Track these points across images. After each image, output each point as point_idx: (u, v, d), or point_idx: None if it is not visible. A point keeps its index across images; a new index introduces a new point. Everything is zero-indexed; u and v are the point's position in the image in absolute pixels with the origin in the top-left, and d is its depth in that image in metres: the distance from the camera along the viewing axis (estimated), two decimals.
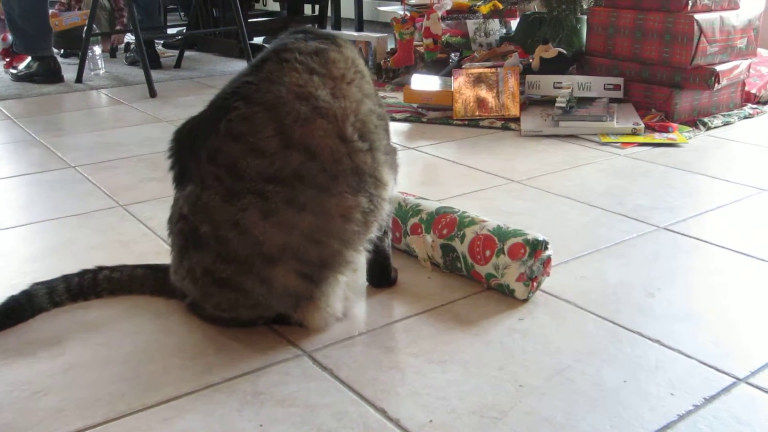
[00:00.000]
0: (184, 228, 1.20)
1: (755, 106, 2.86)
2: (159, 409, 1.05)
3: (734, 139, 2.46)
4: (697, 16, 2.54)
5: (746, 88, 2.86)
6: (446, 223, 1.43)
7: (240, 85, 1.17)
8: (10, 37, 3.82)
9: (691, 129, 2.55)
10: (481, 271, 1.37)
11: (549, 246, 1.35)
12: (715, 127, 2.61)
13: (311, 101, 1.15)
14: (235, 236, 1.14)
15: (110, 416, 1.04)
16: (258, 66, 1.19)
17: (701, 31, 2.54)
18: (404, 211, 1.51)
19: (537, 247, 1.32)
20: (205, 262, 1.18)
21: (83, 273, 1.37)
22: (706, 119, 2.64)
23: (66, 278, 1.35)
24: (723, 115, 2.71)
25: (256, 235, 1.14)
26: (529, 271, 1.32)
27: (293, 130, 1.14)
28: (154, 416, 1.04)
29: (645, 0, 2.68)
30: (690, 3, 2.59)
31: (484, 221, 1.41)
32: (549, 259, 1.36)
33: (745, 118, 2.74)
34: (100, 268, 1.38)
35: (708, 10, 2.64)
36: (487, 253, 1.35)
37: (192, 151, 1.18)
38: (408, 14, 3.19)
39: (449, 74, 3.00)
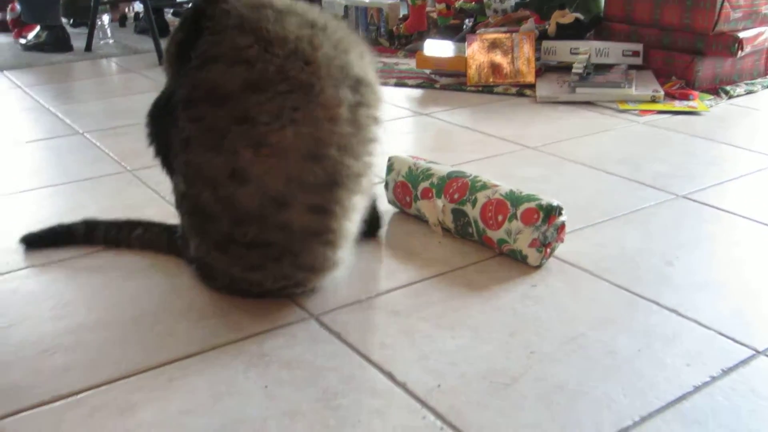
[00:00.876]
0: (189, 206, 1.16)
1: None
2: (165, 369, 1.04)
3: (757, 108, 2.40)
4: None
5: None
6: (457, 187, 1.40)
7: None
8: (18, 6, 3.79)
9: (712, 97, 2.49)
10: (492, 237, 1.34)
11: (563, 212, 1.31)
12: (737, 96, 2.55)
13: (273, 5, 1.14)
14: (236, 190, 1.08)
15: (116, 376, 1.02)
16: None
17: None
18: (414, 175, 1.47)
19: (551, 212, 1.29)
20: (222, 230, 1.13)
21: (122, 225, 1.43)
22: (728, 87, 2.58)
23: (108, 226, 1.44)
24: (746, 84, 2.65)
25: (257, 177, 1.07)
26: (543, 237, 1.29)
27: (269, 32, 1.09)
28: (160, 376, 1.02)
29: None
30: None
31: (496, 186, 1.37)
32: (563, 225, 1.32)
33: None
34: (136, 224, 1.43)
35: None
36: (500, 218, 1.32)
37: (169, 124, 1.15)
38: None
39: (463, 40, 2.94)
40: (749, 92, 2.60)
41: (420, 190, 1.45)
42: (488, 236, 1.34)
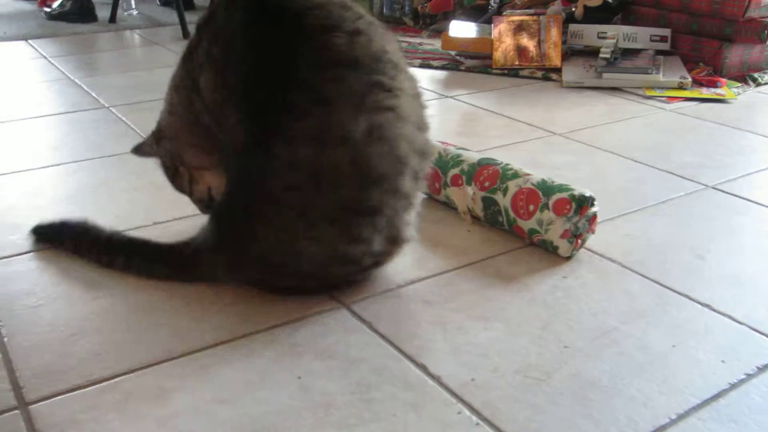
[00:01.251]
0: (296, 179, 1.06)
1: None
2: (196, 356, 1.04)
3: None
4: None
5: None
6: (488, 175, 1.39)
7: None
8: None
9: (740, 84, 2.46)
10: (523, 226, 1.33)
11: (595, 202, 1.30)
12: (765, 83, 2.52)
13: None
14: (372, 148, 1.06)
15: (147, 361, 1.02)
16: None
17: None
18: (444, 162, 1.46)
19: (583, 203, 1.28)
20: (345, 196, 1.08)
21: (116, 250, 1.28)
22: (756, 75, 2.55)
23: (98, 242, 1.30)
24: None
25: (390, 137, 1.08)
26: (574, 228, 1.28)
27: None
28: (192, 363, 1.02)
29: None
30: None
31: (528, 174, 1.36)
32: (595, 216, 1.31)
33: None
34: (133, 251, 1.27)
35: None
36: (531, 207, 1.31)
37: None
38: None
39: (488, 21, 2.92)
40: None
41: (450, 177, 1.44)
42: (519, 226, 1.34)
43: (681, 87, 2.37)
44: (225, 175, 1.20)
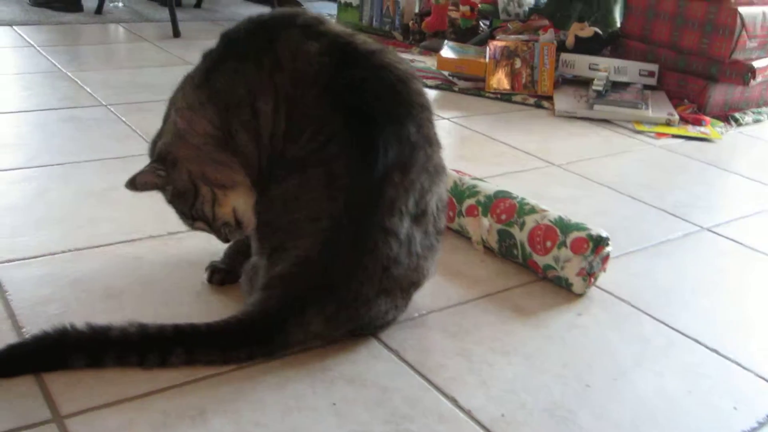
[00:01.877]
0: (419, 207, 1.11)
1: None
2: (231, 376, 1.04)
3: (765, 138, 2.46)
4: (740, 9, 2.52)
5: None
6: (505, 208, 1.42)
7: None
8: None
9: (723, 124, 2.55)
10: (539, 261, 1.36)
11: (610, 242, 1.34)
12: (745, 124, 2.61)
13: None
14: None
15: (181, 380, 1.03)
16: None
17: (743, 24, 2.52)
18: (460, 191, 1.49)
19: (599, 242, 1.32)
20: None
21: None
22: (737, 115, 2.63)
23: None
24: (753, 112, 2.71)
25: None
26: (589, 267, 1.32)
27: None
28: (227, 384, 1.03)
29: None
30: None
31: (544, 211, 1.40)
32: (608, 255, 1.35)
33: None
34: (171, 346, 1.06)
35: (750, 3, 2.61)
36: (548, 244, 1.34)
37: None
38: None
39: (479, 43, 2.96)
40: (756, 121, 2.66)
41: (465, 207, 1.47)
42: (534, 260, 1.37)
43: (668, 123, 2.44)
44: (252, 193, 1.21)
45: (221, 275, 1.27)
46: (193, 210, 1.21)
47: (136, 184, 1.20)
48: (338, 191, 1.06)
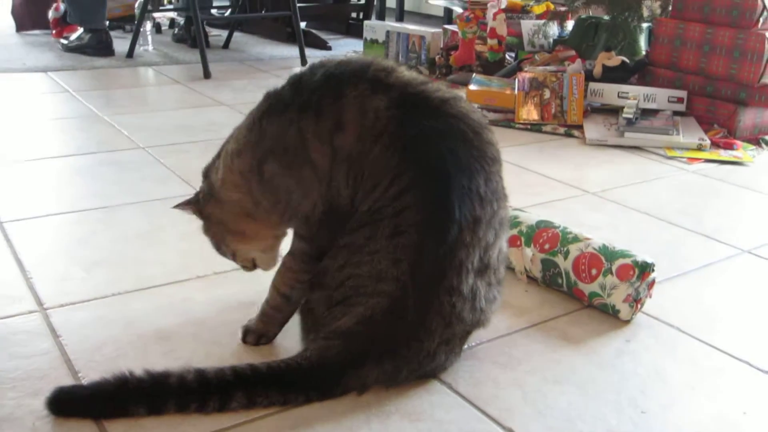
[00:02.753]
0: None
1: None
2: (288, 414, 1.05)
3: None
4: None
5: None
6: (548, 237, 1.43)
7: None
8: (62, 6, 3.81)
9: (754, 147, 2.54)
10: (584, 289, 1.37)
11: (655, 268, 1.35)
12: None
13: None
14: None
15: (239, 420, 1.04)
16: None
17: None
18: None
19: (645, 269, 1.32)
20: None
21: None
22: None
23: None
24: None
25: None
26: (635, 293, 1.32)
27: None
28: (285, 420, 1.04)
29: (714, 14, 2.67)
30: (761, 21, 2.58)
31: (588, 239, 1.40)
32: (653, 281, 1.36)
33: None
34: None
35: None
36: (593, 271, 1.35)
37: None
38: (473, 13, 3.18)
39: (507, 75, 2.99)
40: None
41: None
42: (579, 288, 1.38)
43: (700, 148, 2.45)
44: (277, 243, 1.25)
45: (255, 337, 1.24)
46: (216, 247, 1.27)
47: (179, 206, 1.28)
48: (405, 249, 1.05)
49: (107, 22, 3.64)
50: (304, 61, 3.56)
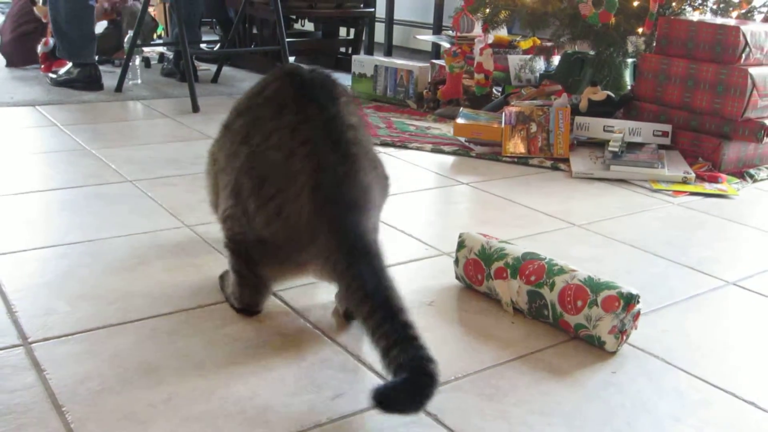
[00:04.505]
0: None
1: None
2: None
3: None
4: (750, 70, 2.57)
5: None
6: (534, 269, 1.44)
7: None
8: (51, 41, 3.83)
9: (738, 180, 2.57)
10: (570, 321, 1.37)
11: (640, 300, 1.35)
12: (761, 180, 2.63)
13: None
14: None
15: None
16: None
17: (754, 84, 2.57)
18: (488, 254, 1.51)
19: (630, 300, 1.33)
20: None
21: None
22: (752, 171, 2.66)
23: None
24: (766, 168, 2.73)
25: None
26: (621, 324, 1.33)
27: None
28: None
29: (698, 50, 2.71)
30: (743, 56, 2.62)
31: (573, 270, 1.41)
32: (639, 312, 1.36)
33: None
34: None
35: (759, 64, 2.67)
36: (579, 303, 1.35)
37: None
38: (460, 48, 3.21)
39: (494, 109, 3.02)
40: None
41: (494, 270, 1.49)
42: (565, 320, 1.38)
43: (685, 181, 2.47)
44: None
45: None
46: None
47: None
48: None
49: (96, 57, 3.64)
50: None
